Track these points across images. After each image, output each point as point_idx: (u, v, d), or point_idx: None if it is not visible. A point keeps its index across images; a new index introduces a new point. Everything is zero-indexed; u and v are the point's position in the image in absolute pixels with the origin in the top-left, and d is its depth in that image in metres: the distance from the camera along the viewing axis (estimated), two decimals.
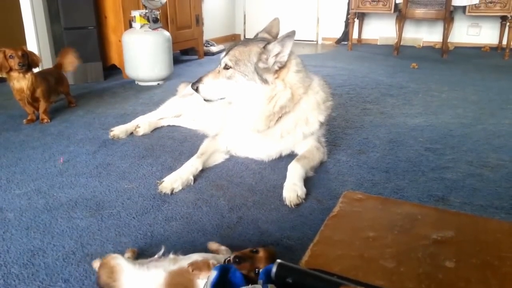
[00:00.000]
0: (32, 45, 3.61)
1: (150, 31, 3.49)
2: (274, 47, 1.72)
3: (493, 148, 2.11)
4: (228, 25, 6.84)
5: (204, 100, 1.90)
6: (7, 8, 3.42)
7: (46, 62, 3.70)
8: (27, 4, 3.52)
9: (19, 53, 2.36)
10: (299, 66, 1.84)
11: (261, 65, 1.75)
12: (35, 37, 3.60)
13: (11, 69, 2.37)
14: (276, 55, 1.73)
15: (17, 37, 3.51)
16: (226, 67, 1.79)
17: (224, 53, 1.84)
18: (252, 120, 1.83)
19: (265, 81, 1.76)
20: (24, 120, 2.52)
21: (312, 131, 1.90)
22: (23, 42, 3.54)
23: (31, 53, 2.48)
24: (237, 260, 0.90)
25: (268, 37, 1.92)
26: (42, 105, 2.53)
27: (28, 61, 2.41)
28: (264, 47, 1.74)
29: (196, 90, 1.87)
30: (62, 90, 2.79)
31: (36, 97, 2.49)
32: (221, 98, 1.86)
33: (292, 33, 1.70)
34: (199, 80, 1.86)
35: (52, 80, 2.62)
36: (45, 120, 2.52)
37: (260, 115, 1.80)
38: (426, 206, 1.32)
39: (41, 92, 2.48)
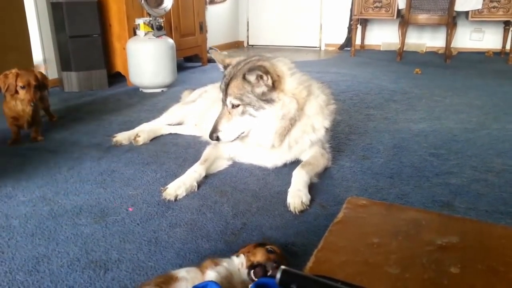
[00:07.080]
0: (37, 53, 3.65)
1: (154, 39, 3.51)
2: (251, 76, 1.70)
3: (497, 153, 2.10)
4: (231, 32, 6.87)
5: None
6: (13, 17, 3.46)
7: (52, 71, 3.74)
8: (32, 12, 3.56)
9: (32, 83, 2.19)
10: (289, 66, 1.82)
11: (258, 90, 1.73)
12: (40, 45, 3.65)
13: (16, 92, 2.19)
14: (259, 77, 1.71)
15: (22, 45, 3.54)
16: (234, 106, 1.77)
17: (222, 94, 1.82)
18: (267, 140, 1.82)
19: (272, 101, 1.74)
20: (8, 141, 2.29)
21: (319, 137, 1.90)
22: (29, 50, 3.58)
23: (43, 78, 2.34)
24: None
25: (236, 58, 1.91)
26: (37, 124, 2.36)
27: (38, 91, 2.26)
28: (244, 78, 1.72)
29: (217, 139, 1.82)
30: (43, 106, 2.60)
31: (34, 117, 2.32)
32: (241, 133, 1.83)
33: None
34: (215, 130, 1.80)
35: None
36: (39, 138, 2.34)
37: (274, 135, 1.80)
38: (430, 212, 1.31)
39: (37, 111, 2.34)
